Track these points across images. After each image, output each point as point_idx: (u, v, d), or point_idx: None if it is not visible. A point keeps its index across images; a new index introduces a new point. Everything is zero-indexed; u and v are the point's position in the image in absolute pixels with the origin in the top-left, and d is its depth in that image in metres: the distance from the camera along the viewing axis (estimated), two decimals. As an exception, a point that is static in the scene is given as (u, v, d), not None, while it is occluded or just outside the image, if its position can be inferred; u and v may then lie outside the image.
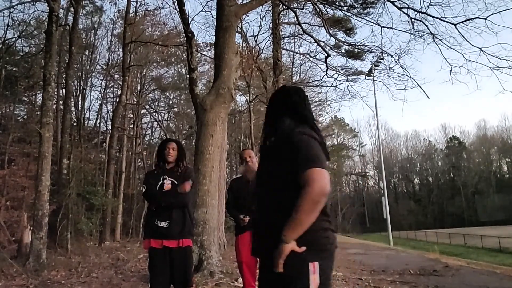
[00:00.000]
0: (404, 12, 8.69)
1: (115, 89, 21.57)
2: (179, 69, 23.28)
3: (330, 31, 11.34)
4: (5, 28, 15.17)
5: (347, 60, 14.97)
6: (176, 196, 2.95)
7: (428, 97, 9.73)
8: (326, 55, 11.45)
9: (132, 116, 20.86)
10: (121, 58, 15.73)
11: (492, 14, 7.58)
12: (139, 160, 23.81)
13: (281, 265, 1.37)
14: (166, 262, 2.89)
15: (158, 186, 2.99)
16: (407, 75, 10.03)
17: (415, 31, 8.99)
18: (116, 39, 20.08)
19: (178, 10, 6.88)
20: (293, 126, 1.56)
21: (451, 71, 8.76)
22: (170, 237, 2.89)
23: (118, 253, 9.53)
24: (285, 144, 1.50)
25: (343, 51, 13.83)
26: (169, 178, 3.02)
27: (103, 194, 13.72)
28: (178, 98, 26.08)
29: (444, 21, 8.16)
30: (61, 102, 15.00)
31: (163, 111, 25.12)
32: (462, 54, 8.38)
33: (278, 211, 1.45)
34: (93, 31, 20.63)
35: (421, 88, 9.41)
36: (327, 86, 19.96)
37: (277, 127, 1.61)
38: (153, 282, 2.91)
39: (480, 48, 7.96)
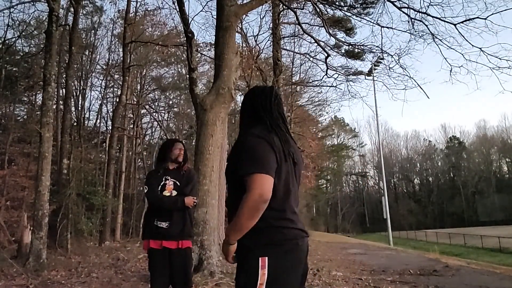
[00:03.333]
0: (404, 12, 8.70)
1: (115, 89, 21.57)
2: (179, 69, 23.29)
3: (330, 31, 11.34)
4: (5, 28, 15.15)
5: (347, 60, 14.98)
6: (179, 201, 2.93)
7: (428, 97, 9.74)
8: (326, 55, 11.45)
9: (132, 116, 20.84)
10: (121, 58, 15.73)
11: (492, 14, 7.58)
12: (139, 160, 23.81)
13: (231, 259, 1.49)
14: (165, 262, 2.87)
15: (160, 186, 2.97)
16: (407, 75, 10.04)
17: (415, 31, 9.00)
18: (116, 39, 20.08)
19: (178, 10, 6.89)
20: (250, 126, 1.58)
21: (451, 71, 8.77)
22: (170, 238, 2.87)
23: (118, 253, 9.53)
24: (236, 145, 1.55)
25: (343, 51, 13.84)
26: (172, 179, 3.00)
27: (103, 194, 13.72)
28: (178, 98, 26.09)
29: (444, 21, 8.17)
30: (61, 102, 15.00)
31: (163, 111, 25.11)
32: (462, 54, 8.39)
33: (232, 211, 1.50)
34: (93, 31, 20.62)
35: (421, 88, 9.42)
36: (327, 86, 20.03)
37: (240, 129, 1.67)
38: (154, 283, 2.90)
39: (480, 48, 7.97)
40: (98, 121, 22.77)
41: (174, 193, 2.97)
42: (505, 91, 8.32)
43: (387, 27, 9.43)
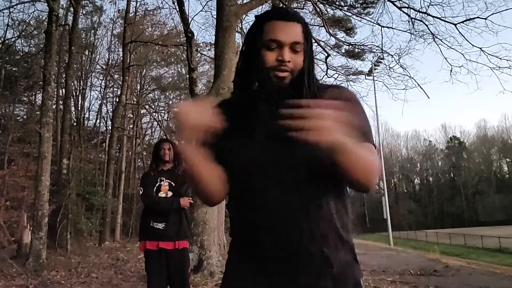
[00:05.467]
0: (404, 12, 8.71)
1: (115, 89, 21.58)
2: (179, 69, 23.28)
3: (330, 31, 11.33)
4: (5, 28, 15.22)
5: (347, 60, 14.93)
6: (174, 203, 2.93)
7: (428, 97, 9.76)
8: (326, 55, 11.44)
9: (132, 116, 20.85)
10: (121, 58, 15.74)
11: (492, 14, 7.64)
12: (139, 160, 23.81)
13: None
14: (162, 263, 2.87)
15: (155, 188, 2.97)
16: (407, 75, 10.07)
17: (415, 31, 9.02)
18: (116, 39, 20.10)
19: (178, 10, 6.89)
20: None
21: (451, 71, 8.80)
22: (166, 239, 2.87)
23: (118, 253, 9.53)
24: (354, 99, 1.01)
25: (343, 51, 13.81)
26: (166, 180, 3.00)
27: (103, 194, 13.71)
28: (178, 98, 26.08)
29: (444, 21, 8.19)
30: (61, 102, 14.99)
31: (163, 111, 25.11)
32: (462, 54, 8.41)
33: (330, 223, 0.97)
34: (93, 31, 20.65)
35: (421, 88, 9.46)
36: (327, 86, 19.91)
37: (308, 74, 1.00)
38: (151, 284, 2.90)
39: (480, 48, 7.99)
40: (98, 121, 22.81)
41: (170, 193, 2.97)
42: (505, 91, 8.37)
43: (387, 27, 9.46)
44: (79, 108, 20.12)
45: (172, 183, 2.99)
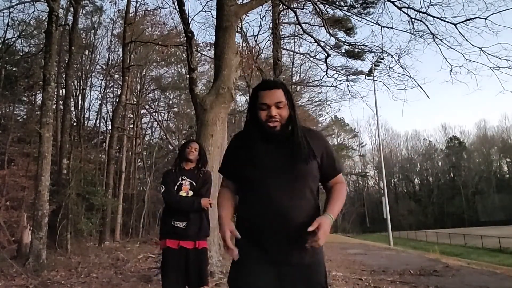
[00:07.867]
0: (404, 12, 8.70)
1: (115, 89, 21.56)
2: (179, 69, 23.25)
3: (330, 31, 11.34)
4: (5, 28, 15.23)
5: (347, 60, 14.98)
6: (195, 203, 2.95)
7: (428, 97, 9.75)
8: (326, 55, 11.45)
9: (132, 116, 20.83)
10: (121, 58, 15.71)
11: (492, 14, 7.62)
12: (139, 160, 23.79)
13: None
14: (181, 262, 2.87)
15: (176, 186, 2.98)
16: (407, 75, 10.06)
17: (415, 31, 9.02)
18: (116, 39, 20.06)
19: (178, 10, 6.88)
20: None
21: (451, 71, 8.79)
22: (187, 238, 2.89)
23: (118, 253, 9.52)
24: (324, 140, 1.63)
25: (343, 51, 13.83)
26: (188, 179, 3.01)
27: (103, 194, 13.69)
28: (178, 98, 26.06)
29: (444, 21, 8.18)
30: (61, 102, 14.99)
31: (163, 111, 25.09)
32: (462, 54, 8.40)
33: (308, 212, 1.48)
34: (93, 31, 20.61)
35: (421, 88, 9.45)
36: (327, 86, 20.00)
37: (297, 122, 1.56)
38: (167, 281, 2.90)
39: (480, 48, 7.98)
40: (98, 121, 22.77)
41: (191, 193, 2.98)
42: (505, 91, 8.36)
43: (387, 27, 9.46)
44: (79, 108, 20.09)
45: (193, 182, 3.00)
